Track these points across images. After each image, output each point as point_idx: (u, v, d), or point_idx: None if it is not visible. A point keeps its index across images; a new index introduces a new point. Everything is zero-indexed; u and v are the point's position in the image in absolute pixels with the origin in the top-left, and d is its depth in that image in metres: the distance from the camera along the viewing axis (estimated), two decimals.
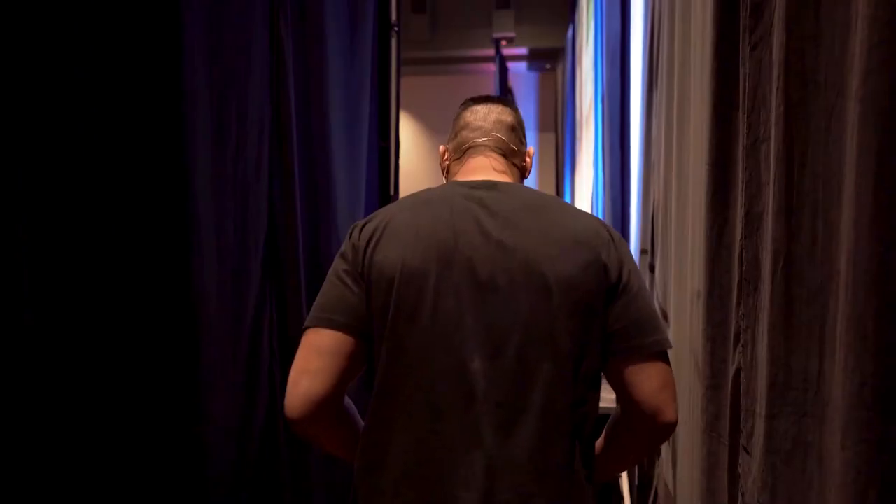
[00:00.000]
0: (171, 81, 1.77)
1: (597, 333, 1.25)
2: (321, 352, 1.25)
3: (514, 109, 1.48)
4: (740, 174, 1.44)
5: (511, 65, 11.49)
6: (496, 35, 10.66)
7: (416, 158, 11.63)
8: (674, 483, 2.14)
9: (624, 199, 3.72)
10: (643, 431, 1.31)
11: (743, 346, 1.36)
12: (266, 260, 2.26)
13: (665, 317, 2.50)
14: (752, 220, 1.32)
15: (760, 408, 1.22)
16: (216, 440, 1.97)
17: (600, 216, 4.26)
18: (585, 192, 6.42)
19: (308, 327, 1.29)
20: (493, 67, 11.23)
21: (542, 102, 13.68)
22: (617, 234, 1.34)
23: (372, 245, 1.26)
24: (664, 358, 1.28)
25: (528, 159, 1.47)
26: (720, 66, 1.55)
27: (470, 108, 1.45)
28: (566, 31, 10.00)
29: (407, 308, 1.23)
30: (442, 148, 1.48)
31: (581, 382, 1.24)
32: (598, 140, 4.41)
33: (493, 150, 1.40)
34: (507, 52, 10.93)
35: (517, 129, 1.45)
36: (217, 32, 1.99)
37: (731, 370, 1.42)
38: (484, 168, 1.39)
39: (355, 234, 1.32)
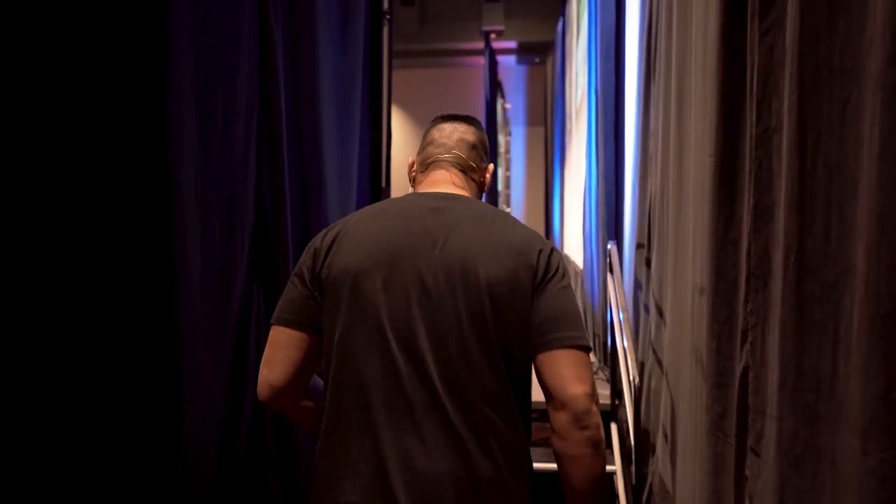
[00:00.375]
0: (155, 69, 1.71)
1: (525, 327, 1.38)
2: (278, 345, 1.46)
3: (479, 129, 1.62)
4: (748, 165, 1.39)
5: (500, 58, 11.45)
6: (485, 28, 10.65)
7: (404, 151, 11.42)
8: (673, 481, 2.10)
9: (618, 193, 3.67)
10: (561, 425, 1.34)
11: (751, 343, 1.31)
12: (253, 256, 2.20)
13: (660, 312, 2.47)
14: (762, 213, 1.27)
15: (771, 409, 1.18)
16: (200, 440, 1.91)
17: (593, 210, 4.21)
18: (576, 186, 6.38)
19: (271, 324, 1.48)
20: (482, 60, 11.18)
21: (530, 96, 13.62)
22: (551, 246, 1.47)
23: (333, 250, 1.43)
24: (578, 352, 1.36)
25: (486, 175, 1.61)
26: (727, 54, 1.50)
27: (437, 126, 1.61)
28: (556, 24, 9.95)
29: (361, 305, 1.38)
30: (410, 160, 1.65)
31: (512, 370, 1.38)
32: (591, 133, 4.36)
33: (454, 166, 1.56)
34: (496, 45, 10.88)
35: (478, 148, 1.60)
36: (204, 20, 1.92)
37: (739, 368, 1.37)
38: (444, 181, 1.55)
39: (318, 239, 1.50)
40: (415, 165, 1.63)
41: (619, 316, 2.78)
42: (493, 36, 10.71)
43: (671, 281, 2.23)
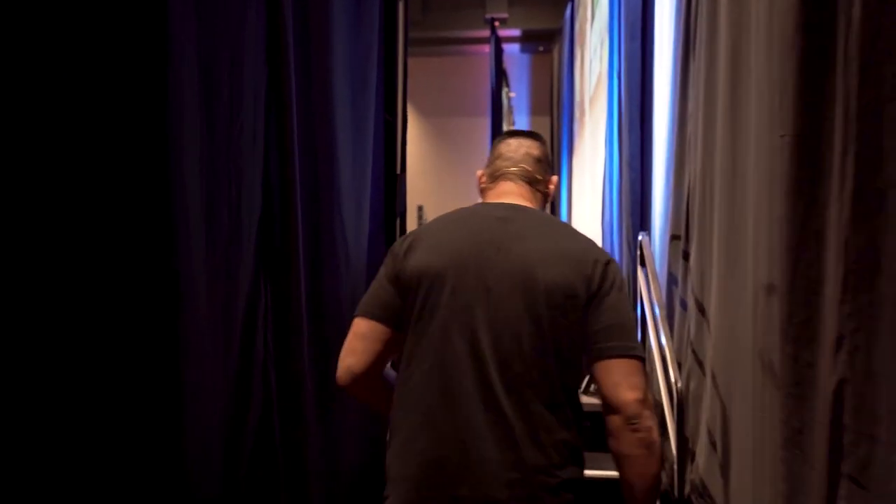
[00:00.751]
0: (153, 39, 1.51)
1: (577, 330, 1.48)
2: (361, 336, 1.56)
3: (542, 144, 1.76)
4: (839, 143, 1.20)
5: (503, 46, 11.26)
6: (489, 16, 10.52)
7: (411, 143, 11.28)
8: (725, 495, 1.91)
9: (645, 181, 3.47)
10: (614, 427, 1.44)
11: (850, 352, 1.12)
12: (260, 247, 2.01)
13: (702, 310, 2.27)
14: (867, 198, 1.08)
15: (889, 434, 0.99)
16: (201, 444, 1.73)
17: (615, 200, 4.02)
18: (589, 176, 6.19)
19: (355, 315, 1.59)
20: (485, 49, 11.03)
21: (534, 85, 13.41)
22: (608, 257, 1.56)
23: (408, 255, 1.56)
24: (631, 361, 1.45)
25: (551, 187, 1.74)
26: (808, 19, 1.31)
27: (505, 141, 1.74)
28: (562, 11, 9.75)
29: (431, 302, 1.51)
30: (479, 173, 1.76)
31: (565, 371, 1.48)
32: (612, 119, 4.15)
33: (521, 178, 1.68)
34: (499, 33, 10.70)
35: (542, 161, 1.72)
36: None
37: (831, 380, 1.18)
38: (511, 193, 1.67)
39: (396, 245, 1.62)
40: (483, 178, 1.75)
41: (654, 312, 2.58)
42: (496, 24, 10.53)
43: (719, 276, 2.04)
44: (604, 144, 4.55)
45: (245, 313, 1.91)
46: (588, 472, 1.55)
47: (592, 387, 3.23)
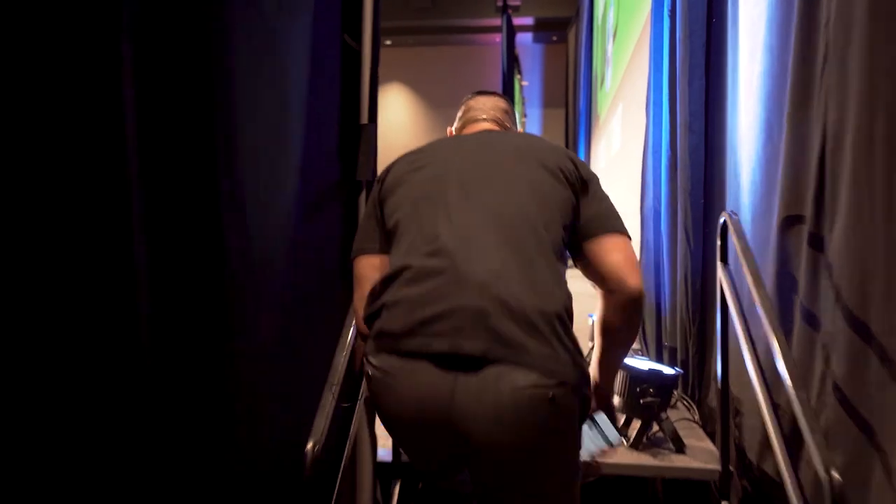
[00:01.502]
0: None
1: (569, 205, 1.50)
2: (365, 279, 1.54)
3: (509, 101, 1.86)
4: None
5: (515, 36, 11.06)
6: (500, 2, 10.26)
7: (419, 137, 11.12)
8: None
9: (713, 145, 2.51)
10: (616, 304, 1.46)
11: None
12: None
13: (864, 334, 1.35)
14: None
15: None
16: None
17: (664, 176, 3.06)
18: (618, 159, 5.33)
19: (352, 258, 1.60)
20: (496, 38, 10.82)
21: (548, 76, 13.18)
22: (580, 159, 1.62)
23: (390, 171, 1.59)
24: (624, 237, 1.50)
25: None
26: None
27: (473, 98, 1.85)
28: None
29: (417, 187, 1.50)
30: (449, 129, 1.86)
31: (556, 234, 1.47)
32: (660, 72, 3.17)
33: (492, 122, 1.78)
34: (512, 20, 10.44)
35: (510, 113, 1.85)
36: None
37: None
38: (483, 129, 1.75)
39: (381, 173, 1.65)
40: (452, 132, 1.82)
41: (771, 330, 1.61)
42: (509, 11, 10.20)
43: None
44: (644, 111, 3.62)
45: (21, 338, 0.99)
46: None
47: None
